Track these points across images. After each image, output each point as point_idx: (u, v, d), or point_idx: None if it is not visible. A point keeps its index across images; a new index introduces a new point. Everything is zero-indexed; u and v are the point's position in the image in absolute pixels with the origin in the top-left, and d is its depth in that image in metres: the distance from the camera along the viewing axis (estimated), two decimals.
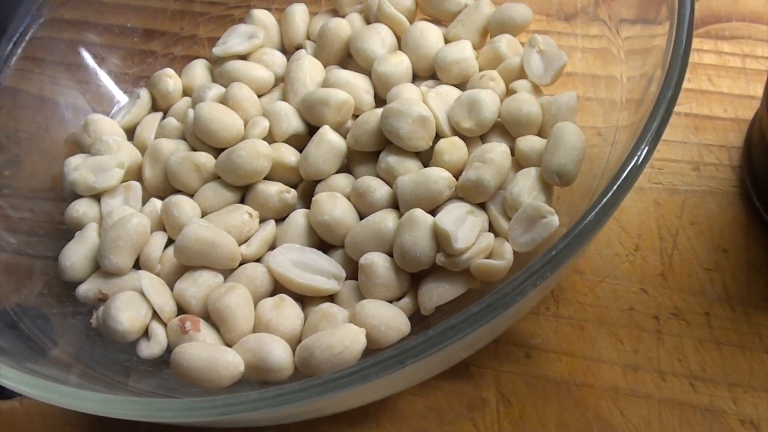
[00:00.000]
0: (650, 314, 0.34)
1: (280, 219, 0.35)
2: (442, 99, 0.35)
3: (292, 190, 0.35)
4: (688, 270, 0.35)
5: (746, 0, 0.42)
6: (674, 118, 0.33)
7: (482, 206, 0.32)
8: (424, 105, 0.33)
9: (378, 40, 0.38)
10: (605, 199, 0.25)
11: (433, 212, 0.31)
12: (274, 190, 0.35)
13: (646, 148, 0.26)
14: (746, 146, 0.37)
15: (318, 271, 0.32)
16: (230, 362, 0.29)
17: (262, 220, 0.35)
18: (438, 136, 0.34)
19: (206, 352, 0.29)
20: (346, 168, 0.36)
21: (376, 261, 0.31)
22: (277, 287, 0.33)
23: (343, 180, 0.35)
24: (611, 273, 0.36)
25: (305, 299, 0.33)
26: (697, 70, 0.41)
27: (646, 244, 0.36)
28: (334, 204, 0.33)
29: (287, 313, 0.31)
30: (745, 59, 0.41)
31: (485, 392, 0.34)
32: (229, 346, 0.30)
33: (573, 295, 0.35)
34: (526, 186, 0.31)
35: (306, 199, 0.35)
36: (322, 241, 0.34)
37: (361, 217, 0.33)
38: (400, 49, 0.38)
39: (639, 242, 0.36)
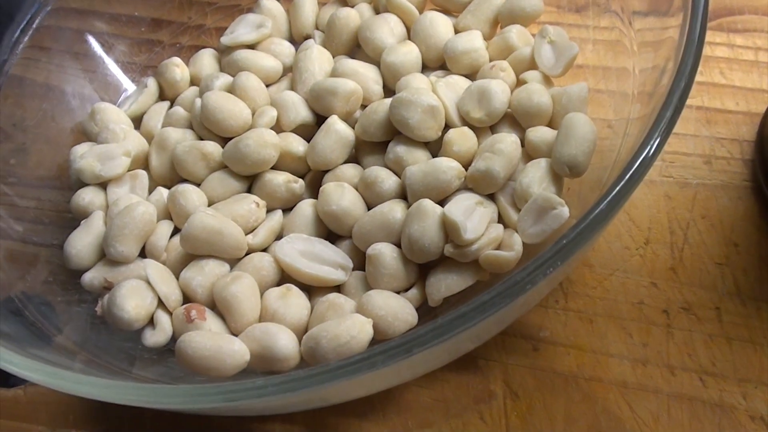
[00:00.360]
0: (660, 308, 0.34)
1: (287, 209, 0.35)
2: (451, 89, 0.34)
3: (300, 180, 0.35)
4: (698, 264, 0.35)
5: None
6: (686, 111, 0.32)
7: (492, 197, 0.32)
8: (433, 95, 0.33)
9: (387, 30, 0.38)
10: (617, 188, 0.24)
11: (441, 203, 0.31)
12: (281, 179, 0.34)
13: (659, 138, 0.25)
14: (758, 140, 0.37)
15: (325, 261, 0.32)
16: (236, 351, 0.29)
17: (269, 210, 0.35)
18: (447, 127, 0.33)
19: (212, 340, 0.29)
20: (354, 158, 0.35)
21: (384, 251, 0.31)
22: (284, 277, 0.33)
23: (351, 170, 0.34)
24: (621, 266, 0.35)
25: (312, 289, 0.32)
26: (709, 63, 0.40)
27: (657, 237, 0.36)
28: (341, 194, 0.33)
29: (294, 302, 0.31)
30: (758, 52, 0.40)
31: (492, 385, 0.33)
32: (235, 335, 0.30)
33: (582, 288, 0.35)
34: (536, 177, 0.31)
35: (313, 189, 0.35)
36: (329, 231, 0.34)
37: (369, 208, 0.33)
38: (409, 38, 0.38)
39: (649, 236, 0.36)
